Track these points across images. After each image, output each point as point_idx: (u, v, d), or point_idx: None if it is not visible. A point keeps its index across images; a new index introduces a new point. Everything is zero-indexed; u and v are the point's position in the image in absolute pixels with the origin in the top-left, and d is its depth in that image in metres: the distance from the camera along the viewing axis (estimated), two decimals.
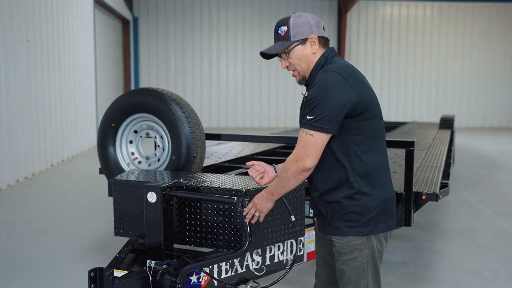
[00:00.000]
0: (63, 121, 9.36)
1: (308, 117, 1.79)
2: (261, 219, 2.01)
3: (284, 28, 1.93)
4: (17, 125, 7.16)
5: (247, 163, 2.12)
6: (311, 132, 1.78)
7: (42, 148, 8.16)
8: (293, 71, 1.98)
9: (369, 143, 1.87)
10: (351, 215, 1.84)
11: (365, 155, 1.85)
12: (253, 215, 2.00)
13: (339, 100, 1.77)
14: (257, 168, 2.04)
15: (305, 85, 2.00)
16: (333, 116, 1.77)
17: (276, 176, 2.00)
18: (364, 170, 1.85)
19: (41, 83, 8.17)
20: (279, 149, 5.10)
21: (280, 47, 1.93)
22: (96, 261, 3.80)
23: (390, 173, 1.99)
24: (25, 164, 7.42)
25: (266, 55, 1.96)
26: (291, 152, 1.90)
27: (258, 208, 1.98)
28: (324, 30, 2.01)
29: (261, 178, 2.03)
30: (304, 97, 1.94)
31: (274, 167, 2.07)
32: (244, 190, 2.36)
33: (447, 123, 8.51)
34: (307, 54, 1.93)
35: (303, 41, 1.92)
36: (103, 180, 4.02)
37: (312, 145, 1.78)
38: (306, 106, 1.84)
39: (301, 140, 1.81)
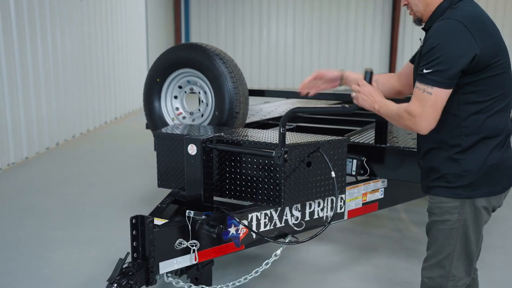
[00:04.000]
0: (116, 80, 9.63)
1: (425, 71, 1.62)
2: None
3: None
4: (72, 84, 7.44)
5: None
6: (429, 89, 1.61)
7: (96, 106, 8.47)
8: (410, 10, 1.83)
9: (489, 103, 1.67)
10: (449, 176, 1.71)
11: (481, 116, 1.67)
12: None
13: (459, 52, 1.59)
14: (308, 85, 2.10)
15: (423, 29, 1.83)
16: (452, 69, 1.59)
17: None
18: (475, 132, 1.68)
19: (94, 43, 8.39)
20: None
21: None
22: (145, 212, 3.95)
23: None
24: (80, 121, 7.75)
25: None
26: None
27: (360, 91, 1.85)
28: None
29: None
30: (420, 45, 1.77)
31: (367, 73, 1.88)
32: None
33: None
34: None
35: None
36: (151, 136, 4.11)
37: (432, 105, 1.62)
38: (423, 58, 1.67)
39: (418, 97, 1.64)
